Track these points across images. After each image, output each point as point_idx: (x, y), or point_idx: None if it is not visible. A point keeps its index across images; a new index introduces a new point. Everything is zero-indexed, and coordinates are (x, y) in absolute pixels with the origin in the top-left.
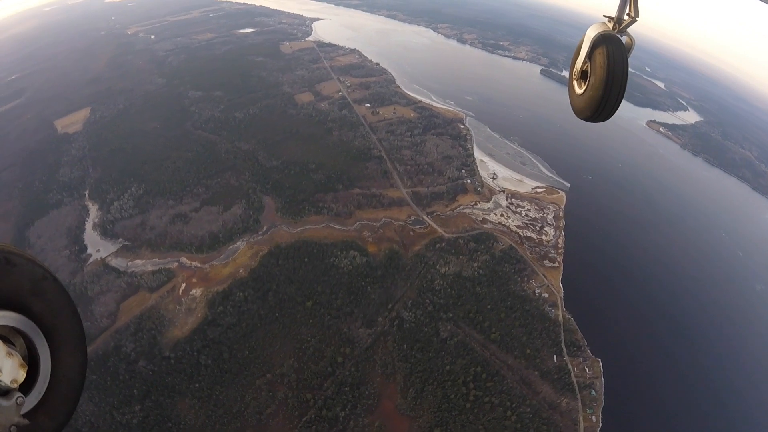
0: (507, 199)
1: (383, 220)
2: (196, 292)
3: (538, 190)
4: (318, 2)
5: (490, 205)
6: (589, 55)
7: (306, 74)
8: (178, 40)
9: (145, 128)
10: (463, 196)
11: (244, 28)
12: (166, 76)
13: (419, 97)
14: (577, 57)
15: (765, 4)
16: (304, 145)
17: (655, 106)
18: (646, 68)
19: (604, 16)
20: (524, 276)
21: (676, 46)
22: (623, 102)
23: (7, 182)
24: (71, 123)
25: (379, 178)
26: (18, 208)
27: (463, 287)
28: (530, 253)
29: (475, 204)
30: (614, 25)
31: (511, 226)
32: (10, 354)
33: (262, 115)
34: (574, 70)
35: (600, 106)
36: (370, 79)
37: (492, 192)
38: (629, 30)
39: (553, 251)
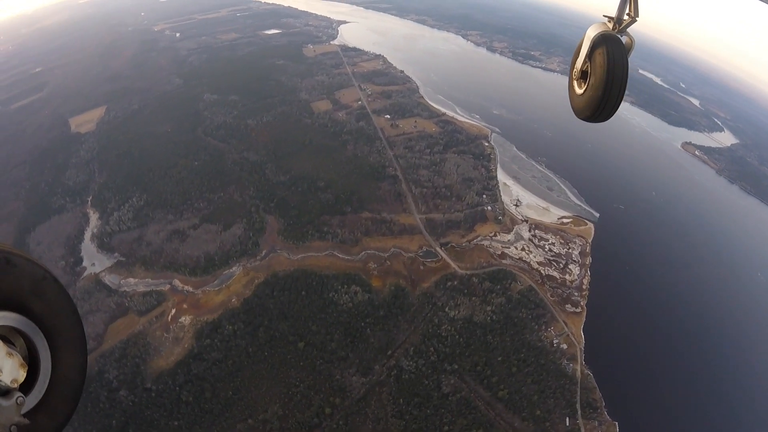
0: (530, 231)
1: (392, 250)
2: (186, 320)
3: (565, 220)
4: (347, 5)
5: (510, 237)
6: (589, 55)
7: (326, 80)
8: (203, 39)
9: (156, 131)
10: (482, 225)
11: (269, 29)
12: (185, 76)
13: (443, 110)
14: (577, 57)
15: None
16: (315, 158)
17: (691, 126)
18: (681, 84)
19: (604, 16)
20: (542, 323)
21: (713, 62)
22: (659, 121)
23: (15, 180)
24: (85, 122)
25: (391, 200)
26: (22, 209)
27: (472, 335)
28: (551, 296)
29: (495, 235)
30: (614, 25)
31: (532, 263)
32: (10, 354)
33: (276, 124)
34: (574, 70)
35: (600, 107)
36: (392, 88)
37: (514, 222)
38: (629, 30)
39: (576, 293)
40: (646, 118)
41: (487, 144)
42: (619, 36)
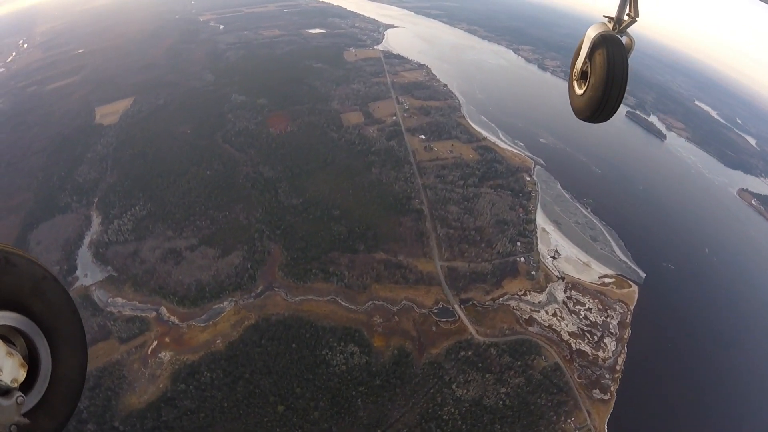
0: (565, 292)
1: (403, 303)
2: (165, 356)
3: (607, 280)
4: (398, 8)
5: (542, 297)
6: (589, 56)
7: (362, 89)
8: (244, 33)
9: (175, 131)
10: (511, 280)
11: (313, 27)
12: (218, 72)
13: (484, 133)
14: (577, 57)
15: None
16: (335, 180)
17: (747, 169)
18: (737, 119)
19: (605, 16)
20: (563, 411)
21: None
22: (716, 162)
23: (32, 169)
24: (110, 113)
25: (412, 241)
26: (31, 202)
27: (478, 421)
28: (578, 377)
29: (525, 294)
30: (614, 25)
31: (562, 333)
32: (10, 354)
33: (299, 135)
34: (574, 70)
35: (600, 107)
36: (432, 104)
37: (549, 279)
38: (629, 30)
39: (608, 375)
40: (702, 157)
41: (528, 179)
42: (619, 36)
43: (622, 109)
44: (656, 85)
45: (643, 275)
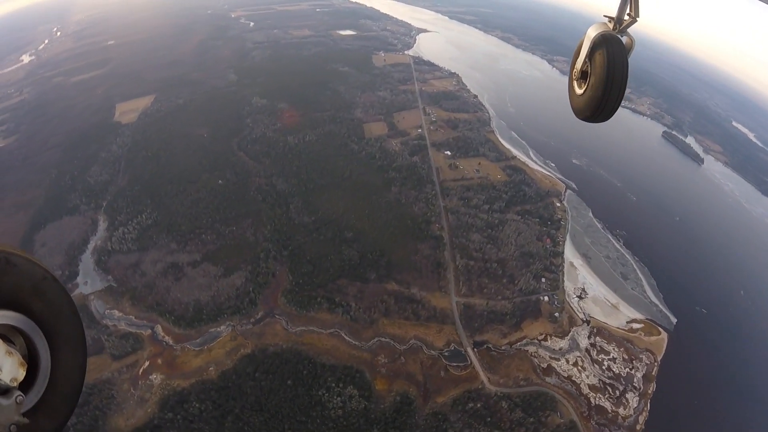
0: (589, 337)
1: (411, 342)
2: (156, 378)
3: (635, 325)
4: (432, 12)
5: (564, 344)
6: (590, 56)
7: (388, 97)
8: (274, 32)
9: (191, 134)
10: (532, 322)
11: (344, 29)
12: (242, 72)
13: (514, 151)
14: (578, 57)
15: None
16: (351, 198)
17: None
18: None
19: (605, 16)
20: None
21: None
22: (753, 190)
23: (46, 165)
24: (130, 110)
25: (427, 271)
26: (41, 200)
27: None
28: None
29: (545, 339)
30: (614, 25)
31: (582, 386)
32: (10, 353)
33: (318, 145)
34: (574, 70)
35: (599, 107)
36: (460, 116)
37: (572, 321)
38: (630, 30)
39: None
40: (740, 184)
41: (559, 205)
42: (619, 36)
43: (659, 128)
44: (694, 104)
45: (674, 320)
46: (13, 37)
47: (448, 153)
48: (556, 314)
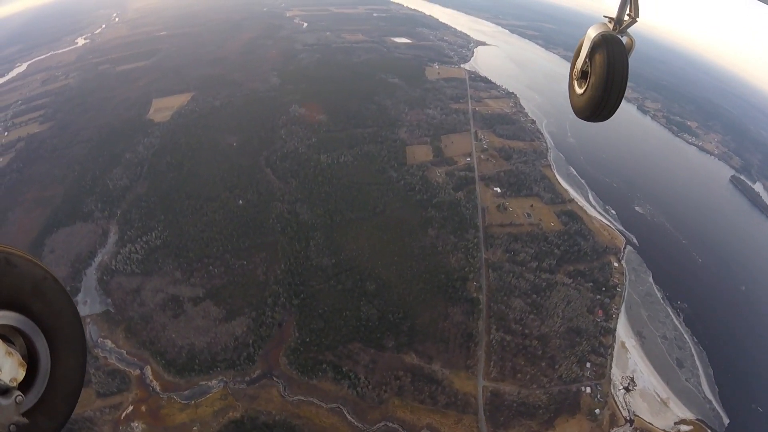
0: None
1: (423, 431)
2: (137, 427)
3: (683, 428)
4: (492, 24)
5: None
6: (590, 56)
7: (437, 116)
8: (326, 35)
9: (220, 142)
10: (567, 419)
11: (399, 36)
12: (286, 76)
13: (571, 192)
14: (578, 57)
15: None
16: (380, 239)
17: None
18: None
19: (605, 16)
20: None
21: None
22: None
23: (71, 160)
24: (165, 107)
25: (455, 344)
26: (59, 199)
27: None
28: None
29: None
30: (615, 25)
31: None
32: (10, 353)
33: (352, 168)
34: (575, 70)
35: (599, 107)
36: (515, 144)
37: (614, 420)
38: (629, 30)
39: None
40: None
41: (616, 265)
42: (619, 36)
43: (727, 171)
44: (762, 144)
45: (726, 421)
46: (75, 18)
47: (498, 190)
48: (597, 411)
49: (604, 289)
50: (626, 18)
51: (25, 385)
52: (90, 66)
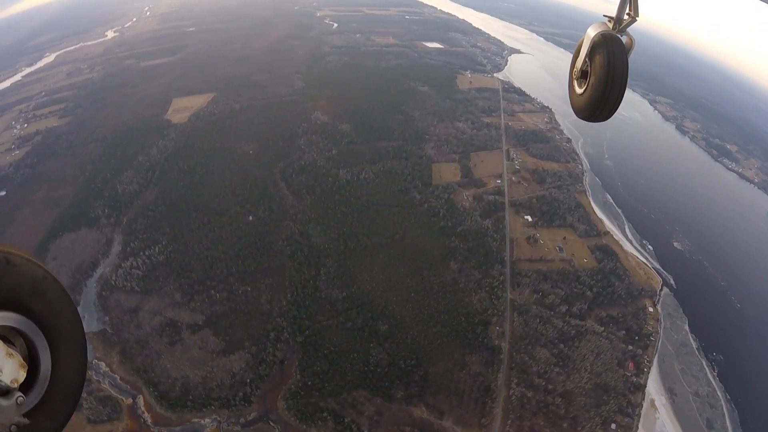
0: None
1: None
2: None
3: None
4: (527, 32)
5: None
6: (589, 55)
7: (468, 131)
8: (355, 37)
9: (235, 150)
10: None
11: (431, 41)
12: (310, 79)
13: (607, 223)
14: (577, 57)
15: None
16: (397, 270)
17: None
18: None
19: (605, 15)
20: None
21: None
22: None
23: (84, 160)
24: (184, 108)
25: (470, 399)
26: (68, 201)
27: None
28: None
29: None
30: (614, 24)
31: None
32: (10, 354)
33: (373, 187)
34: (574, 69)
35: (599, 106)
36: (550, 166)
37: None
38: (629, 30)
39: None
40: None
41: (651, 310)
42: (619, 36)
43: (766, 203)
44: None
45: None
46: (108, 9)
47: (529, 219)
48: None
49: (637, 338)
50: (626, 17)
51: (25, 386)
52: (115, 60)
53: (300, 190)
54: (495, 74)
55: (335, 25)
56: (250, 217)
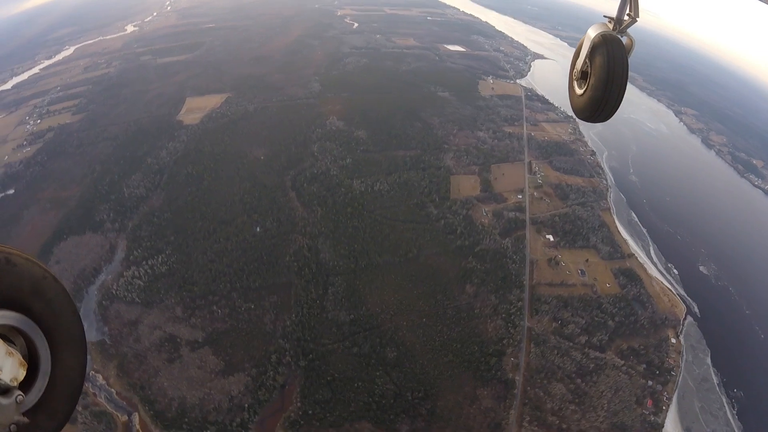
0: None
1: None
2: None
3: None
4: (551, 36)
5: None
6: (590, 56)
7: (489, 141)
8: (376, 38)
9: (246, 155)
10: None
11: (453, 44)
12: (327, 82)
13: (632, 244)
14: (577, 57)
15: None
16: (409, 292)
17: None
18: None
19: (605, 16)
20: None
21: None
22: None
23: (93, 159)
24: (197, 108)
25: None
26: (74, 201)
27: None
28: None
29: None
30: (614, 25)
31: None
32: (10, 353)
33: (388, 200)
34: (574, 70)
35: (599, 107)
36: (573, 181)
37: None
38: (629, 30)
39: None
40: None
41: (674, 342)
42: (619, 36)
43: None
44: None
45: None
46: (130, 3)
47: (551, 238)
48: None
49: (657, 372)
50: (626, 18)
51: (25, 385)
52: (132, 56)
53: (311, 201)
54: (518, 80)
55: (355, 24)
56: (258, 228)
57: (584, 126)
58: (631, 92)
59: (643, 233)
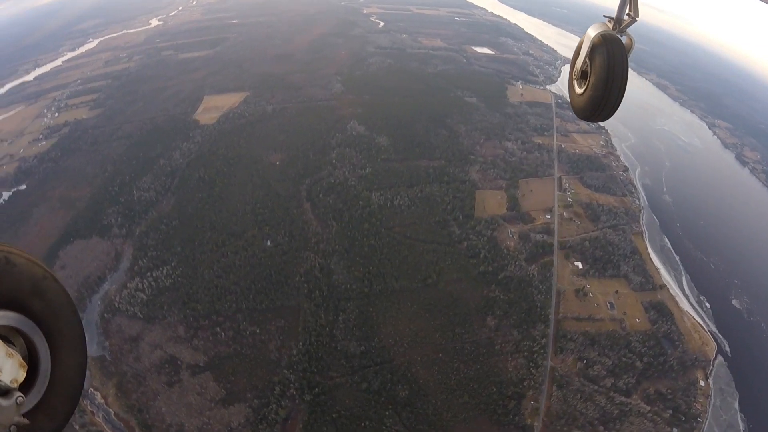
0: None
1: None
2: None
3: None
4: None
5: None
6: (590, 56)
7: (517, 153)
8: (401, 37)
9: (262, 161)
10: None
11: (481, 45)
12: (350, 83)
13: (663, 275)
14: (577, 57)
15: None
16: (424, 326)
17: None
18: None
19: (605, 16)
20: None
21: None
22: None
23: (106, 159)
24: (214, 107)
25: None
26: (83, 203)
27: None
28: None
29: None
30: (614, 25)
31: None
32: (10, 354)
33: (408, 216)
34: (574, 70)
35: (599, 106)
36: (606, 200)
37: None
38: (629, 30)
39: None
40: None
41: (702, 384)
42: (619, 36)
43: None
44: None
45: None
46: None
47: (579, 266)
48: None
49: (683, 418)
50: (626, 18)
51: (25, 386)
52: (153, 50)
53: (326, 214)
54: (548, 86)
55: (381, 23)
56: (268, 242)
57: (616, 135)
58: (664, 102)
59: (675, 261)
